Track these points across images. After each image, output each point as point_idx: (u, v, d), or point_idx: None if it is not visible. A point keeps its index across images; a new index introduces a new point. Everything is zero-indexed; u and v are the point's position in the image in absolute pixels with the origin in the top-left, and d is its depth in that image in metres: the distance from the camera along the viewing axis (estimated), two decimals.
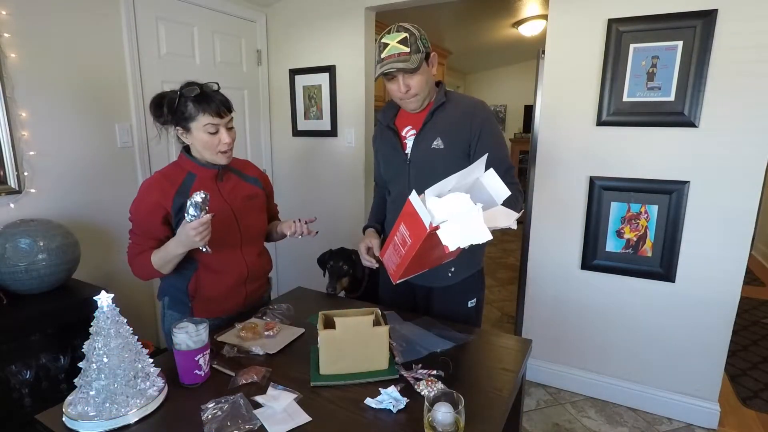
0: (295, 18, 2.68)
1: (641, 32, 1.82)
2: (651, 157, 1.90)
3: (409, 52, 1.22)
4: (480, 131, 1.31)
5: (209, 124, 1.20)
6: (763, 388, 2.30)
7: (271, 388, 0.99)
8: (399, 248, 1.02)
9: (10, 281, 1.46)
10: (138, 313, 2.21)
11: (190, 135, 1.23)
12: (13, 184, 1.66)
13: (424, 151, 1.34)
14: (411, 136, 1.38)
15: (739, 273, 1.83)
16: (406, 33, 1.23)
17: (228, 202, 1.31)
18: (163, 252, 1.19)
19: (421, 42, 1.25)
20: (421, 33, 1.26)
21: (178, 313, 1.32)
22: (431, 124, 1.34)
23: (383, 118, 1.43)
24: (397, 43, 1.23)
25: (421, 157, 1.35)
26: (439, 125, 1.33)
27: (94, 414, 0.87)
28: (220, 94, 1.24)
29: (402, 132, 1.40)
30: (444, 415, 0.79)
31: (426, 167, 1.34)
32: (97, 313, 0.88)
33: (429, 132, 1.34)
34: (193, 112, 1.19)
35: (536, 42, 3.56)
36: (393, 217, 1.46)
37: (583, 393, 2.23)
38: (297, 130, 2.83)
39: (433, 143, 1.32)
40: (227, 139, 1.24)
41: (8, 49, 1.62)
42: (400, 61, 1.22)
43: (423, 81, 1.28)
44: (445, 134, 1.32)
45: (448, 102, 1.35)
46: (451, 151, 1.32)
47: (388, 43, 1.24)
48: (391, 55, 1.23)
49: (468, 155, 1.32)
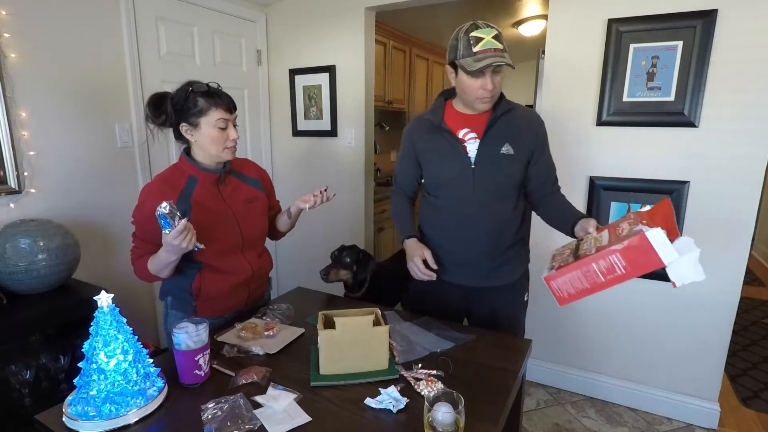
0: (295, 18, 2.68)
1: (641, 32, 1.82)
2: (651, 157, 1.90)
3: (503, 48, 1.21)
4: (543, 142, 1.37)
5: (221, 119, 1.21)
6: (763, 388, 2.30)
7: (271, 388, 0.99)
8: (595, 276, 0.98)
9: (10, 281, 1.46)
10: (138, 313, 2.21)
11: (197, 131, 1.22)
12: (13, 184, 1.66)
13: (493, 156, 1.32)
14: (472, 139, 1.34)
15: (739, 273, 1.83)
16: (497, 30, 1.22)
17: (229, 206, 1.31)
18: (157, 259, 1.18)
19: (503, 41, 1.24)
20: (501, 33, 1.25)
21: (182, 312, 1.32)
22: (497, 129, 1.32)
23: (434, 118, 1.37)
24: (492, 38, 1.20)
25: (489, 162, 1.33)
26: (507, 131, 1.32)
27: (94, 414, 0.87)
28: (224, 91, 1.26)
29: (458, 134, 1.35)
30: (444, 415, 0.79)
31: (494, 172, 1.33)
32: (97, 313, 0.88)
33: (496, 137, 1.32)
34: (205, 106, 1.20)
35: (536, 42, 3.56)
36: (438, 222, 1.43)
37: (583, 393, 2.23)
38: (297, 130, 2.83)
39: (503, 149, 1.32)
40: (235, 135, 1.25)
41: (8, 49, 1.62)
42: (500, 57, 1.19)
43: (500, 82, 1.27)
44: (514, 140, 1.32)
45: (513, 110, 1.34)
46: (519, 158, 1.33)
47: (482, 38, 1.21)
48: (488, 50, 1.20)
49: (529, 162, 1.36)
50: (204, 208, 1.25)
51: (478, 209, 1.35)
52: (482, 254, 1.39)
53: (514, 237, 1.41)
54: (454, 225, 1.39)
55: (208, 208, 1.26)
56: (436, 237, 1.45)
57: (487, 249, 1.38)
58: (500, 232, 1.38)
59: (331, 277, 1.75)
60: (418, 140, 1.43)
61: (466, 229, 1.38)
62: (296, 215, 1.47)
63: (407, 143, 1.47)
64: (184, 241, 1.07)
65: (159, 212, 1.03)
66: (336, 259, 1.78)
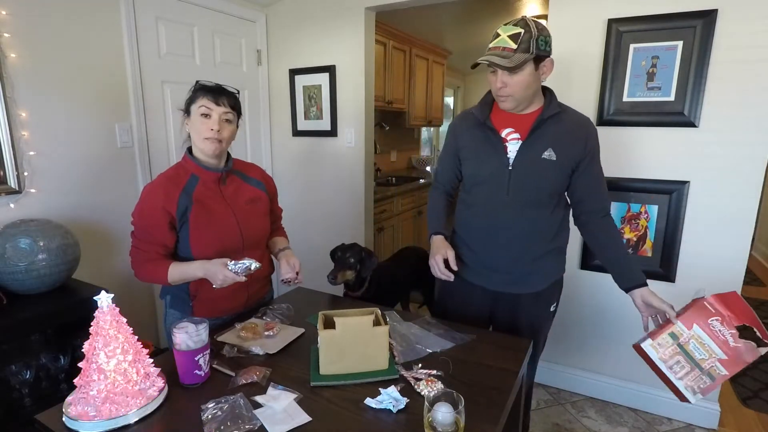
0: (295, 18, 2.68)
1: (641, 32, 1.82)
2: (651, 157, 1.90)
3: (514, 49, 1.16)
4: (593, 152, 1.29)
5: (203, 106, 1.22)
6: (763, 388, 2.30)
7: (271, 388, 0.99)
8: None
9: (10, 281, 1.46)
10: (138, 313, 2.21)
11: (190, 122, 1.26)
12: (13, 184, 1.66)
13: (533, 159, 1.27)
14: (514, 140, 1.29)
15: (739, 273, 1.83)
16: (522, 29, 1.16)
17: (230, 205, 1.31)
18: (184, 271, 1.23)
19: (537, 42, 1.16)
20: (541, 34, 1.17)
21: (179, 311, 1.32)
22: (542, 132, 1.27)
23: (480, 114, 1.33)
24: (507, 36, 1.17)
25: (528, 165, 1.28)
26: (552, 135, 1.27)
27: (94, 414, 0.87)
28: (230, 91, 1.28)
29: (501, 133, 1.31)
30: (444, 415, 0.79)
31: (532, 176, 1.28)
32: (97, 313, 0.88)
33: (539, 140, 1.27)
34: (196, 96, 1.25)
35: None
36: (469, 222, 1.41)
37: (583, 393, 2.23)
38: (297, 130, 2.83)
39: (544, 153, 1.26)
40: (215, 126, 1.23)
41: (8, 49, 1.62)
42: (498, 56, 1.17)
43: (522, 83, 1.20)
44: (558, 146, 1.26)
45: (563, 113, 1.28)
46: (562, 164, 1.27)
47: (499, 34, 1.18)
48: (497, 47, 1.18)
49: (573, 171, 1.29)
50: (205, 207, 1.26)
51: (510, 212, 1.31)
52: (511, 259, 1.35)
53: (547, 246, 1.35)
54: (485, 226, 1.36)
55: (209, 206, 1.27)
56: (466, 237, 1.43)
57: (516, 255, 1.34)
58: (532, 238, 1.33)
59: (339, 280, 1.75)
60: (462, 135, 1.39)
61: (496, 231, 1.34)
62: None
63: (451, 137, 1.44)
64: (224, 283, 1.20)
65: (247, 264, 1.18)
66: (340, 260, 1.78)
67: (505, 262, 1.36)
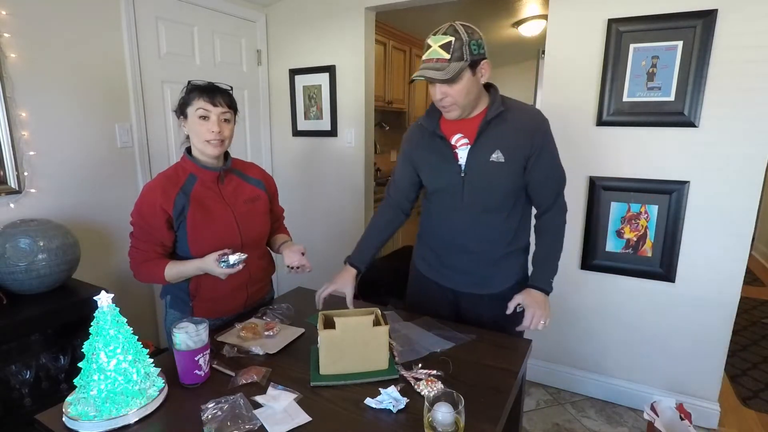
0: (295, 18, 2.68)
1: (641, 32, 1.82)
2: (651, 157, 1.90)
3: (448, 59, 1.13)
4: (541, 147, 1.25)
5: (201, 108, 1.22)
6: (763, 388, 2.30)
7: (271, 388, 0.99)
8: None
9: (10, 281, 1.46)
10: (138, 313, 2.21)
11: (188, 124, 1.25)
12: (13, 184, 1.66)
13: (483, 163, 1.25)
14: (463, 146, 1.27)
15: (739, 273, 1.83)
16: (452, 37, 1.13)
17: (229, 204, 1.31)
18: (181, 269, 1.23)
19: (469, 48, 1.14)
20: (471, 38, 1.14)
21: (179, 312, 1.32)
22: (488, 135, 1.25)
23: (428, 124, 1.32)
24: (438, 47, 1.14)
25: (479, 170, 1.26)
26: (498, 137, 1.24)
27: (94, 414, 0.87)
28: (224, 90, 1.27)
29: (451, 140, 1.29)
30: (444, 415, 0.79)
31: (483, 181, 1.27)
32: (97, 313, 0.88)
33: (486, 143, 1.25)
34: (192, 98, 1.23)
35: (536, 42, 3.56)
36: (431, 228, 1.42)
37: (583, 393, 2.23)
38: (297, 130, 2.83)
39: (492, 156, 1.24)
40: (216, 127, 1.23)
41: (8, 49, 1.62)
42: (433, 69, 1.14)
43: (462, 91, 1.18)
44: (506, 147, 1.24)
45: (507, 111, 1.25)
46: (511, 165, 1.25)
47: (431, 45, 1.16)
48: (430, 59, 1.16)
49: (525, 169, 1.27)
50: (202, 206, 1.25)
51: (467, 218, 1.32)
52: (472, 262, 1.36)
53: (507, 248, 1.35)
54: (444, 232, 1.38)
55: (207, 205, 1.27)
56: (428, 240, 1.45)
57: (476, 258, 1.35)
58: (491, 242, 1.34)
59: None
60: (415, 148, 1.39)
61: (456, 237, 1.35)
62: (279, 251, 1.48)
63: (405, 148, 1.44)
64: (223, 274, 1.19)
65: (232, 259, 1.17)
66: None
67: (466, 265, 1.37)
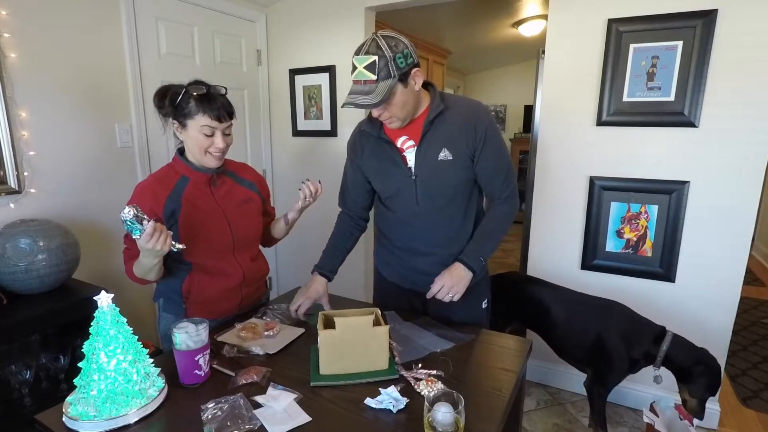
0: (295, 18, 2.68)
1: (641, 32, 1.82)
2: (651, 157, 1.90)
3: (375, 80, 1.11)
4: (484, 137, 1.24)
5: (206, 126, 1.19)
6: (763, 388, 2.30)
7: (271, 388, 0.99)
8: None
9: (10, 281, 1.46)
10: (138, 313, 2.21)
11: (185, 132, 1.21)
12: (13, 184, 1.66)
13: (432, 163, 1.25)
14: (410, 148, 1.27)
15: (739, 273, 1.83)
16: (375, 56, 1.10)
17: (221, 206, 1.30)
18: (139, 264, 1.16)
19: (395, 63, 1.11)
20: (395, 53, 1.11)
21: (172, 314, 1.31)
22: (433, 134, 1.24)
23: (371, 129, 1.30)
24: (364, 68, 1.11)
25: (429, 171, 1.26)
26: (443, 134, 1.24)
27: (94, 414, 0.87)
28: (224, 98, 1.23)
29: (397, 144, 1.28)
30: (444, 415, 0.79)
31: (434, 181, 1.27)
32: (97, 313, 0.88)
33: (432, 143, 1.24)
34: (193, 110, 1.18)
35: (536, 42, 3.56)
36: (389, 233, 1.42)
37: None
38: (297, 130, 2.83)
39: (440, 154, 1.24)
40: (221, 144, 1.22)
41: (8, 49, 1.62)
42: (362, 93, 1.13)
43: (398, 105, 1.17)
44: (451, 144, 1.24)
45: (447, 109, 1.24)
46: (459, 161, 1.25)
47: (356, 66, 1.13)
48: (358, 81, 1.14)
49: (473, 161, 1.27)
50: (195, 207, 1.24)
51: (424, 219, 1.31)
52: (434, 263, 1.34)
53: (466, 245, 1.33)
54: (404, 236, 1.37)
55: (199, 207, 1.25)
56: (387, 243, 1.44)
57: (438, 259, 1.34)
58: (451, 241, 1.33)
59: None
60: (362, 155, 1.36)
61: (416, 239, 1.35)
62: (293, 222, 1.47)
63: (351, 154, 1.40)
64: (158, 243, 1.03)
65: (123, 218, 0.98)
66: None
67: (426, 265, 1.36)
